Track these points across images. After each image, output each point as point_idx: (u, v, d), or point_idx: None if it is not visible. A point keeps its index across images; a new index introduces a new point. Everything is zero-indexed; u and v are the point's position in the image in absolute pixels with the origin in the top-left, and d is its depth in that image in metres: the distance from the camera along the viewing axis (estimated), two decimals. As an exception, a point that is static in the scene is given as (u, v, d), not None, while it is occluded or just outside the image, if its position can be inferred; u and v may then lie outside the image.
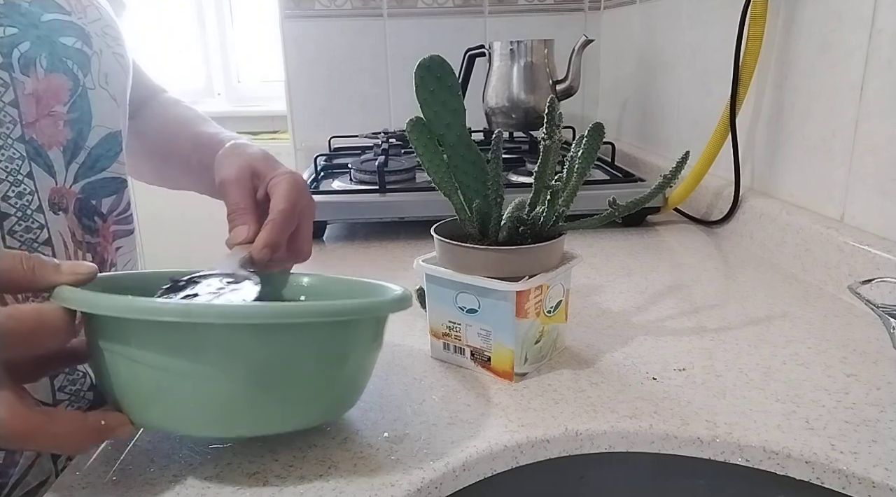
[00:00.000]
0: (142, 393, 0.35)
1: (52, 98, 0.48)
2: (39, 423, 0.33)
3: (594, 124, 0.48)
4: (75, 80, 0.50)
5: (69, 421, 0.34)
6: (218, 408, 0.35)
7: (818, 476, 0.39)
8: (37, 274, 0.35)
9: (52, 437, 0.34)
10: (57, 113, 0.49)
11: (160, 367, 0.34)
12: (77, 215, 0.52)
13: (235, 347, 0.34)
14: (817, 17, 0.69)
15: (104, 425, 0.35)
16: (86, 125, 0.51)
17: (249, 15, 2.67)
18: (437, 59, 0.47)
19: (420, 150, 0.48)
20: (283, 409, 0.37)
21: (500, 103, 1.18)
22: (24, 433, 0.33)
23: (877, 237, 0.60)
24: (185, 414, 0.35)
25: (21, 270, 0.35)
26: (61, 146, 0.49)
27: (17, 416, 0.33)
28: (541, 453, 0.42)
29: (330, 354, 0.37)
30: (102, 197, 0.54)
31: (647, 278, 0.69)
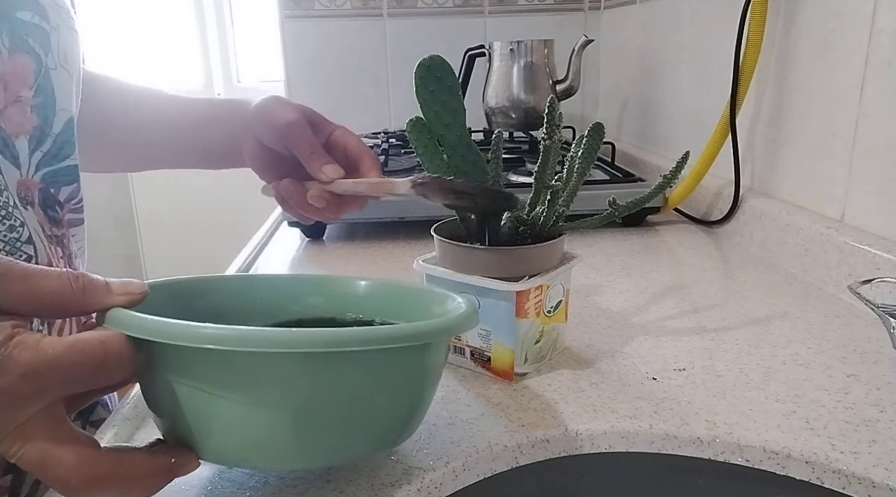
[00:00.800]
0: (203, 424, 0.32)
1: (18, 82, 0.43)
2: (111, 466, 0.30)
3: (594, 124, 0.48)
4: (38, 60, 0.45)
5: (140, 462, 0.31)
6: (280, 439, 0.32)
7: (818, 476, 0.39)
8: (87, 295, 0.31)
9: (124, 481, 0.30)
10: (24, 98, 0.44)
11: (222, 395, 0.31)
12: (42, 207, 0.48)
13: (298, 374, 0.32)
14: (817, 17, 0.69)
15: (174, 463, 0.32)
16: (50, 110, 0.47)
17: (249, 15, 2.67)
18: (437, 59, 0.47)
19: (420, 150, 0.48)
20: (348, 439, 0.34)
21: (500, 103, 1.18)
22: (95, 479, 0.29)
23: (877, 237, 0.60)
24: (248, 445, 0.32)
25: (70, 292, 0.31)
26: (27, 134, 0.45)
27: (86, 461, 0.29)
28: (541, 453, 0.42)
29: (399, 379, 0.35)
30: (62, 186, 0.50)
31: (647, 278, 0.69)
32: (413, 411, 0.36)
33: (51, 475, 0.29)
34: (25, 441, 0.28)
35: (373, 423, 0.34)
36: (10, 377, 0.27)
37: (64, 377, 0.28)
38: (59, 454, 0.28)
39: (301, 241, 0.89)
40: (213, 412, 0.32)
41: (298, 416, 0.32)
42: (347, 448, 0.34)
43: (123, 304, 0.32)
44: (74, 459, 0.29)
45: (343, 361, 0.32)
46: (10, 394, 0.27)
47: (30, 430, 0.28)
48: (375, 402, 0.34)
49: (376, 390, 0.33)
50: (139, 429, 0.44)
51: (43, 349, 0.28)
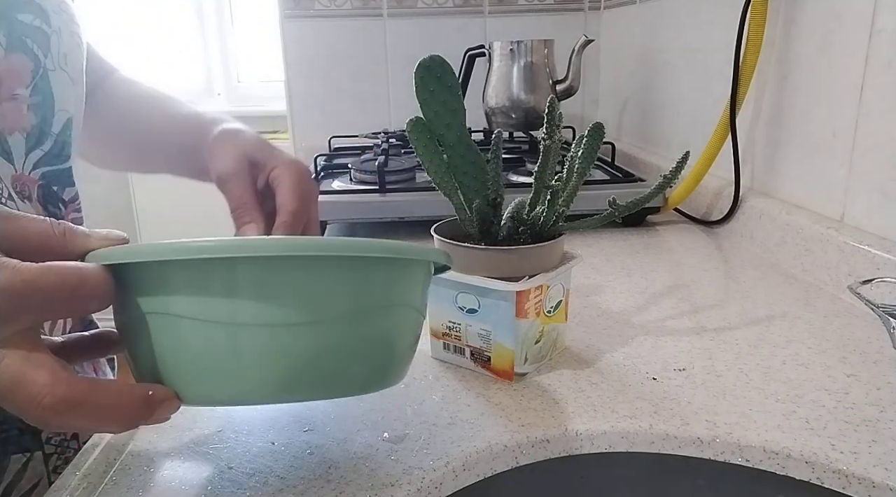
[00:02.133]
0: (188, 358, 0.31)
1: (14, 80, 0.45)
2: (86, 389, 0.29)
3: (594, 124, 0.48)
4: (36, 60, 0.47)
5: (116, 389, 0.30)
6: (268, 363, 0.31)
7: (818, 476, 0.39)
8: (68, 239, 0.32)
9: (98, 407, 0.29)
10: (20, 96, 0.45)
11: (208, 319, 0.30)
12: (42, 203, 0.49)
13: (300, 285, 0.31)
14: (817, 17, 0.69)
15: (152, 396, 0.31)
16: (49, 110, 0.48)
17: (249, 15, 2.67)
18: (437, 59, 0.47)
19: (420, 150, 0.48)
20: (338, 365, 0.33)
21: (500, 103, 1.18)
22: (69, 400, 0.28)
23: (877, 237, 0.60)
24: (232, 375, 0.31)
25: (53, 235, 0.31)
26: (24, 132, 0.46)
27: (60, 380, 0.29)
28: (541, 453, 0.42)
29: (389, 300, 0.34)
30: (66, 186, 0.51)
31: (647, 278, 0.69)
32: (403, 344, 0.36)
33: (24, 394, 0.28)
34: (2, 359, 0.28)
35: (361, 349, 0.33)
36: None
37: (41, 297, 0.28)
38: (34, 374, 0.28)
39: (301, 241, 0.89)
40: (195, 342, 0.31)
41: (286, 335, 0.31)
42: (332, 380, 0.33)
43: (103, 246, 0.32)
44: (49, 379, 0.28)
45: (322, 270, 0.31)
46: None
47: (5, 348, 0.28)
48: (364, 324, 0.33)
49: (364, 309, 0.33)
50: (137, 430, 0.44)
51: (20, 270, 0.28)
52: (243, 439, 0.42)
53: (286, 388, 0.32)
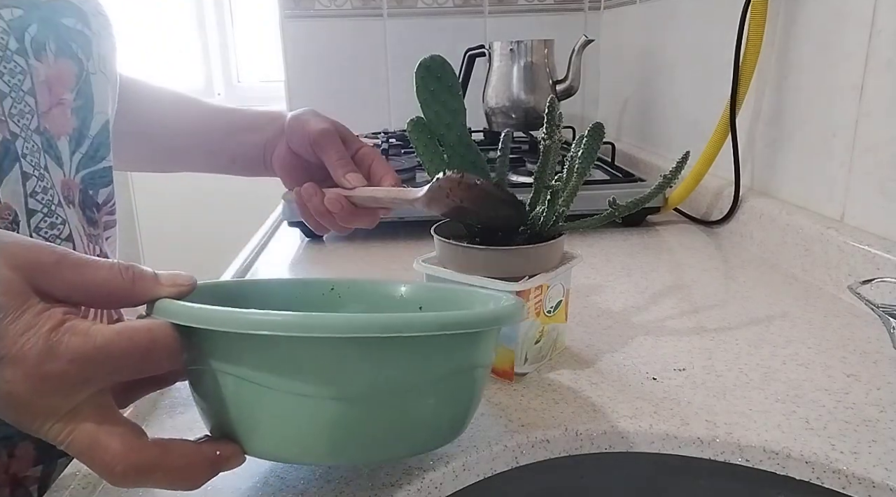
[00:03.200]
0: (251, 416, 0.32)
1: (61, 85, 0.46)
2: (157, 456, 0.30)
3: (594, 124, 0.48)
4: (80, 64, 0.47)
5: (185, 453, 0.31)
6: (330, 431, 0.32)
7: (818, 476, 0.39)
8: (136, 286, 0.32)
9: (169, 471, 0.30)
10: (66, 101, 0.46)
11: (271, 386, 0.31)
12: (81, 207, 0.49)
13: (350, 362, 0.31)
14: (817, 17, 0.69)
15: (219, 456, 0.32)
16: (89, 113, 0.49)
17: (249, 15, 2.67)
18: (437, 59, 0.47)
19: (420, 150, 0.48)
20: (399, 434, 0.33)
21: (500, 103, 1.18)
22: (141, 467, 0.29)
23: (877, 237, 0.60)
24: (297, 439, 0.32)
25: (120, 282, 0.31)
26: (68, 136, 0.47)
27: (133, 448, 0.29)
28: (541, 453, 0.42)
29: (451, 371, 0.34)
30: (100, 187, 0.52)
31: (647, 278, 0.69)
32: (463, 408, 0.36)
33: (97, 461, 0.29)
34: (75, 427, 0.29)
35: (422, 418, 0.33)
36: (60, 362, 0.28)
37: (112, 364, 0.29)
38: (107, 441, 0.29)
39: (301, 241, 0.89)
40: (259, 403, 0.31)
41: (347, 408, 0.31)
42: (397, 444, 0.33)
43: (171, 294, 0.32)
44: (121, 447, 0.29)
45: (395, 349, 0.31)
46: (60, 378, 0.28)
47: (79, 415, 0.29)
48: (425, 396, 0.33)
49: (426, 382, 0.33)
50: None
51: (92, 335, 0.28)
52: (243, 439, 0.42)
53: (352, 454, 0.33)
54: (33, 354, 0.27)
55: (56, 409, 0.28)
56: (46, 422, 0.29)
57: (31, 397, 0.28)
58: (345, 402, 0.31)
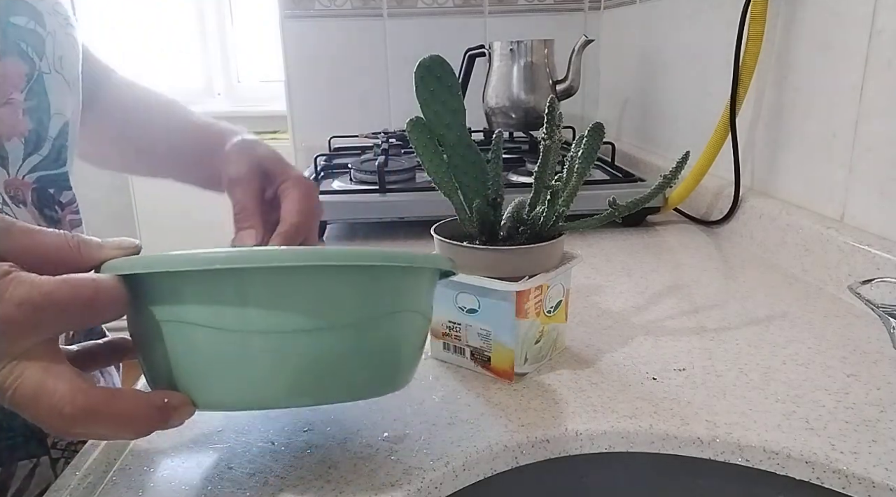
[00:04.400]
0: (202, 364, 0.32)
1: (9, 84, 0.45)
2: (103, 398, 0.30)
3: (594, 124, 0.48)
4: (31, 64, 0.46)
5: (132, 398, 0.31)
6: (280, 370, 0.32)
7: (818, 476, 0.39)
8: (83, 251, 0.33)
9: (116, 415, 0.30)
10: (15, 100, 0.45)
11: (221, 327, 0.31)
12: (37, 206, 0.49)
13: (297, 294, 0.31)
14: (817, 17, 0.69)
15: (167, 403, 0.32)
16: (45, 114, 0.48)
17: (249, 15, 2.67)
18: (437, 59, 0.47)
19: (420, 150, 0.48)
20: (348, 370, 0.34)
21: (500, 103, 1.18)
22: (88, 409, 0.29)
23: (877, 237, 0.60)
24: (247, 381, 0.32)
25: (68, 248, 0.32)
26: (22, 137, 0.46)
27: (79, 390, 0.29)
28: (541, 453, 0.42)
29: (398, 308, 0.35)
30: (63, 189, 0.51)
31: (647, 278, 0.69)
32: (410, 350, 0.37)
33: (44, 405, 0.29)
34: (22, 370, 0.29)
35: (371, 355, 0.34)
36: (7, 306, 0.28)
37: (58, 310, 0.29)
38: (55, 384, 0.29)
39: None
40: (208, 348, 0.32)
41: (294, 342, 0.32)
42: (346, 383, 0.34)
43: (116, 256, 0.33)
44: (69, 389, 0.29)
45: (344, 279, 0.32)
46: (7, 323, 0.28)
47: (27, 359, 0.29)
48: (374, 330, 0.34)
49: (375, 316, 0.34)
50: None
51: (38, 284, 0.29)
52: (243, 439, 0.42)
53: (297, 393, 0.33)
54: None
55: (3, 354, 0.29)
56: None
57: None
58: (290, 335, 0.32)
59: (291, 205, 0.50)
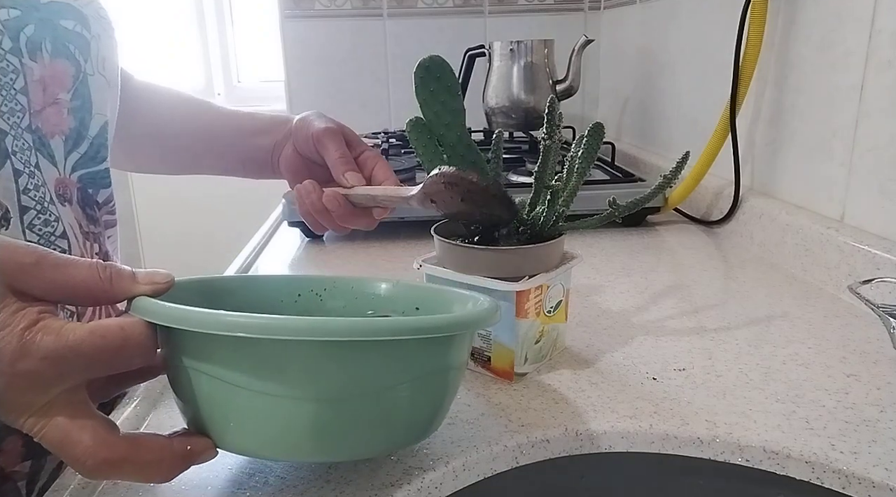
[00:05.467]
0: (224, 414, 0.33)
1: (56, 85, 0.46)
2: (126, 450, 0.31)
3: (594, 124, 0.48)
4: (77, 65, 0.48)
5: (156, 448, 0.32)
6: (303, 430, 0.32)
7: (818, 476, 0.39)
8: (114, 285, 0.33)
9: (139, 465, 0.31)
10: (61, 100, 0.47)
11: (244, 386, 0.31)
12: (80, 206, 0.50)
13: (321, 365, 0.31)
14: (817, 17, 0.69)
15: (190, 451, 0.33)
16: (87, 113, 0.49)
17: (249, 15, 2.67)
18: (437, 59, 0.47)
19: (420, 150, 0.48)
20: (372, 433, 0.33)
21: (500, 103, 1.18)
22: (111, 462, 0.30)
23: (877, 237, 0.60)
24: (269, 437, 0.33)
25: (98, 281, 0.32)
26: (63, 135, 0.48)
27: (103, 443, 0.30)
28: (541, 453, 0.42)
29: (424, 373, 0.34)
30: (101, 188, 0.53)
31: (647, 278, 0.69)
32: (436, 408, 0.36)
33: (69, 455, 0.30)
34: (48, 421, 0.30)
35: (395, 418, 0.34)
36: (33, 360, 0.29)
37: (84, 361, 0.30)
38: (78, 436, 0.30)
39: (301, 241, 0.89)
40: (230, 402, 0.32)
41: (318, 409, 0.32)
42: (368, 443, 0.34)
43: (148, 292, 0.33)
44: (91, 441, 0.30)
45: (366, 352, 0.32)
46: (33, 376, 0.29)
47: (52, 410, 0.30)
48: (398, 397, 0.33)
49: (399, 384, 0.33)
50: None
51: (64, 334, 0.29)
52: (243, 439, 0.42)
53: (314, 451, 0.33)
54: (7, 352, 0.29)
55: (30, 405, 0.30)
56: (21, 416, 0.30)
57: (6, 393, 0.29)
58: (313, 403, 0.32)
59: (385, 168, 0.56)
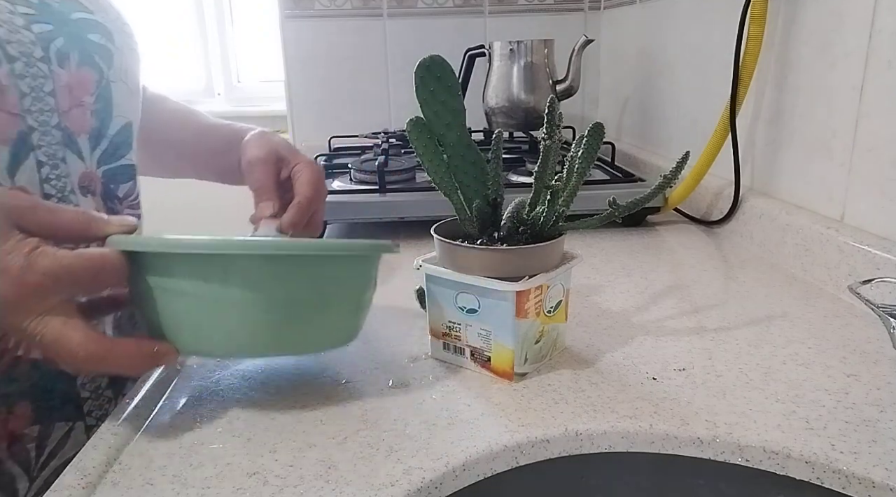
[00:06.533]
0: (181, 322, 0.41)
1: (81, 90, 0.53)
2: (108, 346, 0.40)
3: (594, 124, 0.48)
4: (100, 73, 0.55)
5: (131, 347, 0.41)
6: (243, 332, 0.42)
7: (818, 476, 0.39)
8: (92, 227, 0.42)
9: (119, 358, 0.40)
10: (85, 103, 0.54)
11: (197, 296, 0.40)
12: (103, 198, 0.56)
13: (256, 275, 0.41)
14: (817, 17, 0.69)
15: (157, 351, 0.41)
16: (108, 115, 0.56)
17: (249, 15, 2.67)
18: (437, 59, 0.47)
19: (420, 150, 0.48)
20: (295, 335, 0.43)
21: (500, 103, 1.18)
22: (98, 355, 0.39)
23: (877, 237, 0.60)
24: (218, 339, 0.42)
25: (79, 223, 0.41)
26: (87, 133, 0.54)
27: (91, 339, 0.39)
28: (541, 453, 0.42)
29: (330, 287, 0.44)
30: (120, 183, 0.59)
31: (647, 278, 0.69)
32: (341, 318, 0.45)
33: (63, 349, 0.39)
34: (47, 323, 0.38)
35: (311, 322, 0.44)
36: (35, 275, 0.38)
37: (74, 278, 0.39)
38: (71, 334, 0.39)
39: (301, 241, 0.89)
40: (188, 312, 0.41)
41: (254, 313, 0.41)
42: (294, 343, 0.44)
43: (118, 231, 0.42)
44: (82, 338, 0.39)
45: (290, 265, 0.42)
46: (35, 287, 0.38)
47: (49, 315, 0.38)
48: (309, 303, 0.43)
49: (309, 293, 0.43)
50: (137, 430, 0.44)
51: (58, 256, 0.38)
52: (243, 439, 0.42)
53: (255, 348, 0.43)
54: (16, 268, 0.37)
55: (33, 310, 0.38)
56: (26, 319, 0.38)
57: (16, 300, 0.38)
58: (251, 307, 0.41)
59: (304, 182, 0.59)
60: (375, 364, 0.52)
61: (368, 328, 0.58)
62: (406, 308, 0.62)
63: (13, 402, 0.49)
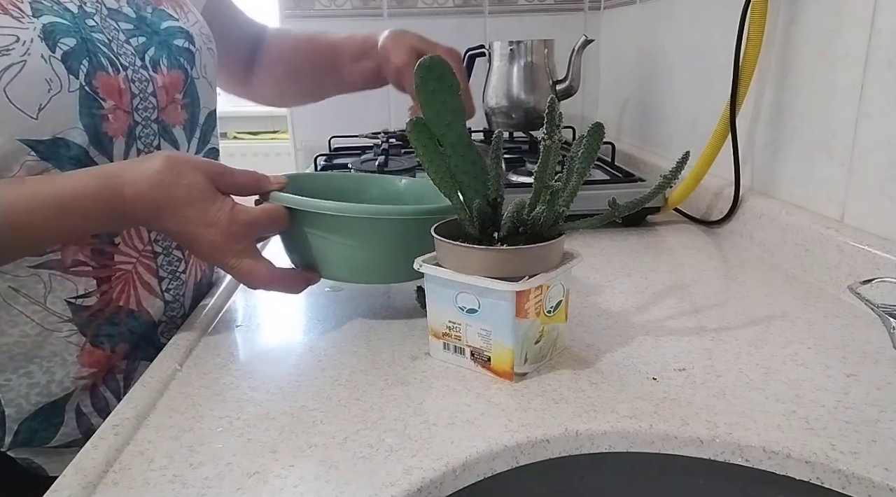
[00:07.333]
0: (322, 256, 0.57)
1: (173, 89, 0.63)
2: (281, 273, 0.56)
3: (594, 124, 0.48)
4: (186, 73, 0.65)
5: (293, 274, 0.58)
6: (363, 266, 0.58)
7: (818, 476, 0.39)
8: (260, 183, 0.57)
9: (287, 281, 0.57)
10: (177, 100, 0.64)
11: (332, 240, 0.56)
12: None
13: (367, 230, 0.56)
14: (817, 17, 0.69)
15: (308, 276, 0.58)
16: (196, 107, 0.67)
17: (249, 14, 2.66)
18: (437, 59, 0.47)
19: (420, 150, 0.48)
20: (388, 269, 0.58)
21: (500, 103, 1.18)
22: (275, 279, 0.55)
23: (877, 237, 0.60)
24: (346, 269, 0.58)
25: (252, 181, 0.56)
26: (181, 125, 0.65)
27: (271, 272, 0.55)
28: (541, 453, 0.42)
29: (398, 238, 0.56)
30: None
31: (647, 278, 0.69)
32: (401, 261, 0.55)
33: (253, 278, 0.55)
34: (242, 259, 0.54)
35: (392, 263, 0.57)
36: (237, 225, 0.53)
37: (260, 227, 0.54)
38: (259, 267, 0.54)
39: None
40: (328, 249, 0.57)
41: (367, 254, 0.57)
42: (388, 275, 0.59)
43: (276, 187, 0.57)
44: (266, 270, 0.55)
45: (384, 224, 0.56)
46: (237, 234, 0.53)
47: (243, 253, 0.54)
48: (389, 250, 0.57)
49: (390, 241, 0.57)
50: (137, 430, 0.44)
51: (251, 211, 0.54)
52: (243, 439, 0.42)
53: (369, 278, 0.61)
54: (224, 221, 0.52)
55: (232, 251, 0.53)
56: (227, 256, 0.53)
57: (223, 244, 0.53)
58: (365, 250, 0.57)
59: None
60: (375, 364, 0.52)
61: (369, 328, 0.58)
62: (406, 308, 0.62)
63: (116, 342, 0.61)
